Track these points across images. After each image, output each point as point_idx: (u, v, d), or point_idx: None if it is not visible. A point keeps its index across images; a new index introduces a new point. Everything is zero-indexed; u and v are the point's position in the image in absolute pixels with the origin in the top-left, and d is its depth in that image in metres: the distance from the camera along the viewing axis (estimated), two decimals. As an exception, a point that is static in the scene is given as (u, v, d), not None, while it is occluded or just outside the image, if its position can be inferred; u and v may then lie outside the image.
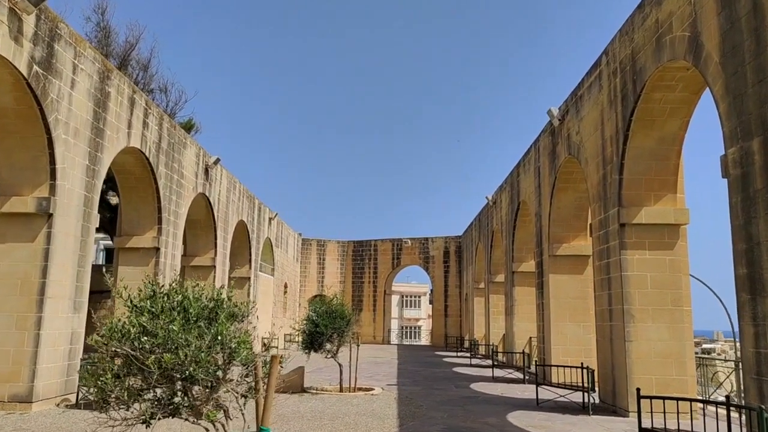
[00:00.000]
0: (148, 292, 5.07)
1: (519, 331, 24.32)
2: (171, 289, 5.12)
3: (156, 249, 18.80)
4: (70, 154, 13.40)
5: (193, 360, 4.60)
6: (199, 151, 22.57)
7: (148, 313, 4.87)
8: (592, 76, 15.15)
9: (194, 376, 4.61)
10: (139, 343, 4.67)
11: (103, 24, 28.93)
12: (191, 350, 4.61)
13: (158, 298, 4.98)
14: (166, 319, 4.81)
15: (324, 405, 13.49)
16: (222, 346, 4.78)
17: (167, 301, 4.96)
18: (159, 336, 4.66)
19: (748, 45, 8.23)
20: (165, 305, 4.93)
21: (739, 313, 8.35)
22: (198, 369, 4.64)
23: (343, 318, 16.13)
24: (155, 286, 5.14)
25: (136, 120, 16.76)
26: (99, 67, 14.64)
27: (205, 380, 4.70)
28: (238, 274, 30.18)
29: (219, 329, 4.82)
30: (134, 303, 5.01)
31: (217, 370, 4.79)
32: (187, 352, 4.60)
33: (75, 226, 13.70)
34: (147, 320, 4.79)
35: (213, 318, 5.00)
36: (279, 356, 4.99)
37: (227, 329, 4.89)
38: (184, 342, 4.65)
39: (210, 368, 4.73)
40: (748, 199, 8.16)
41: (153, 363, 4.58)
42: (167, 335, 4.65)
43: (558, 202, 18.77)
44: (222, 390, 4.90)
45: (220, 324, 4.88)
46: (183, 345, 4.63)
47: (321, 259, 47.34)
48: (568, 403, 13.95)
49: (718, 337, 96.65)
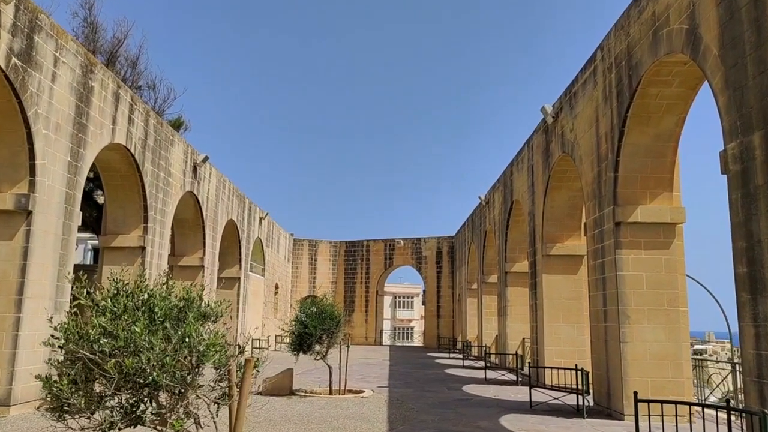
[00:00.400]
0: (112, 290, 4.70)
1: (512, 332, 24.04)
2: (136, 287, 4.75)
3: (142, 248, 18.40)
4: (51, 149, 13.01)
5: (157, 364, 4.24)
6: (187, 148, 22.18)
7: (109, 312, 4.50)
8: (587, 72, 14.87)
9: (158, 381, 4.25)
10: (98, 346, 4.31)
11: (91, 19, 28.48)
12: (155, 354, 4.25)
13: (121, 296, 4.61)
14: (129, 319, 4.45)
15: (312, 408, 13.14)
16: (190, 349, 4.41)
17: (131, 299, 4.59)
18: (120, 338, 4.30)
19: (749, 36, 7.96)
20: (128, 304, 4.56)
21: (738, 314, 8.07)
22: (162, 374, 4.28)
23: (332, 319, 15.77)
24: (119, 283, 4.77)
25: (120, 116, 16.38)
26: (82, 60, 14.26)
27: (171, 386, 4.33)
28: (228, 274, 29.79)
29: (187, 330, 4.46)
30: (95, 302, 4.64)
31: (185, 375, 4.42)
32: (150, 356, 4.24)
33: (56, 224, 13.30)
34: (108, 321, 4.42)
35: (182, 318, 4.65)
36: (253, 360, 4.63)
37: (196, 331, 4.53)
38: (147, 344, 4.29)
39: (176, 373, 4.37)
40: (749, 195, 7.88)
41: (113, 368, 4.22)
42: (129, 337, 4.29)
43: (551, 201, 18.49)
44: (192, 396, 4.53)
45: (188, 325, 4.52)
46: (146, 348, 4.27)
47: (313, 260, 46.95)
48: (562, 406, 13.66)
49: (709, 339, 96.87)
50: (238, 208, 29.84)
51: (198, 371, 4.47)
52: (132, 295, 4.64)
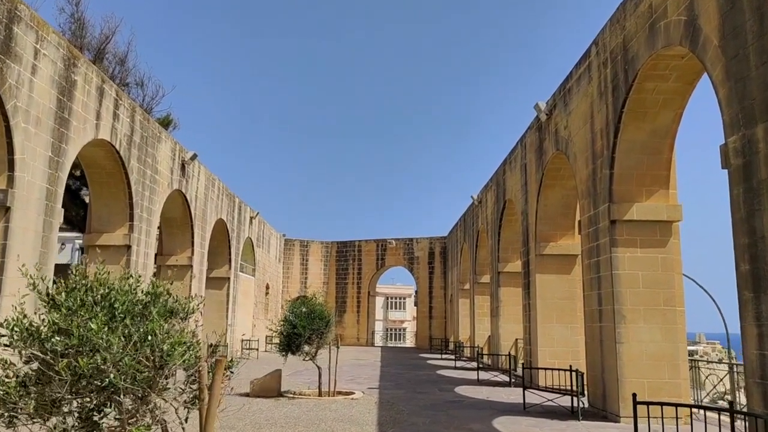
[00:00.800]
0: (71, 283, 4.32)
1: (505, 333, 23.77)
2: (95, 279, 4.37)
3: (127, 247, 18.00)
4: (31, 144, 12.61)
5: (115, 365, 3.88)
6: (175, 146, 21.78)
7: (64, 308, 4.14)
8: (581, 67, 14.59)
9: (116, 384, 3.89)
10: (50, 345, 3.94)
11: (78, 15, 28.03)
12: (113, 353, 3.89)
13: (78, 291, 4.24)
14: (86, 315, 4.08)
15: (300, 410, 12.79)
16: (152, 348, 4.05)
17: (89, 294, 4.22)
18: (74, 336, 3.93)
19: (751, 26, 7.68)
20: (86, 299, 4.20)
21: (741, 313, 7.78)
22: (121, 375, 3.91)
23: (322, 319, 15.43)
24: (78, 275, 4.40)
25: (105, 111, 15.97)
26: (64, 53, 13.86)
27: (131, 389, 3.96)
28: (218, 274, 29.40)
29: (149, 328, 4.10)
30: (51, 296, 4.26)
31: (147, 377, 4.06)
32: (106, 356, 3.88)
33: (35, 221, 12.90)
34: (61, 317, 4.06)
35: (146, 315, 4.28)
36: (224, 360, 4.28)
37: (160, 328, 4.16)
38: (104, 343, 3.93)
39: (137, 375, 4.00)
40: (751, 190, 7.60)
41: (65, 369, 3.85)
42: (84, 335, 3.92)
43: (545, 200, 18.21)
44: (157, 400, 4.17)
45: (152, 322, 4.15)
46: (104, 347, 3.91)
47: (304, 260, 46.56)
48: (556, 408, 13.37)
49: (700, 339, 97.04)
50: (228, 207, 29.44)
51: (162, 373, 4.11)
52: (91, 289, 4.28)
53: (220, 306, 29.43)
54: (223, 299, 29.59)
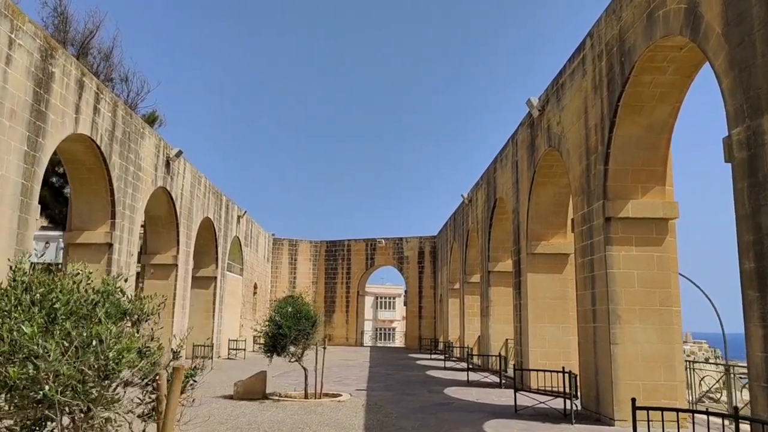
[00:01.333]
0: (8, 281, 3.84)
1: (495, 333, 23.41)
2: (34, 277, 3.90)
3: (109, 245, 17.51)
4: (5, 137, 12.10)
5: (49, 375, 3.42)
6: (159, 142, 21.26)
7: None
8: (575, 61, 14.24)
9: (50, 396, 3.42)
10: (-24, 352, 3.47)
11: (61, 9, 27.43)
12: (49, 361, 3.43)
13: (11, 289, 3.77)
14: (21, 317, 3.62)
15: (284, 414, 12.35)
16: (96, 355, 3.59)
17: (27, 293, 3.75)
18: (5, 341, 3.46)
19: (757, 11, 7.32)
20: (22, 299, 3.73)
21: (745, 314, 7.42)
22: (57, 387, 3.45)
23: (308, 319, 14.98)
24: (18, 272, 3.93)
25: (85, 105, 15.46)
26: (41, 44, 13.35)
27: (69, 403, 3.50)
28: (204, 273, 28.90)
29: (94, 332, 3.64)
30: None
31: (91, 388, 3.60)
32: (41, 364, 3.42)
33: (10, 218, 12.38)
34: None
35: (93, 317, 3.82)
36: (183, 369, 3.84)
37: (107, 332, 3.70)
38: (40, 349, 3.47)
39: (79, 386, 3.54)
40: (757, 184, 7.24)
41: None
42: (17, 340, 3.46)
43: (537, 198, 17.86)
44: (104, 414, 3.72)
45: (96, 325, 3.69)
46: (40, 354, 3.45)
47: (293, 260, 46.05)
48: (549, 410, 13.00)
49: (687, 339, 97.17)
50: (215, 205, 28.92)
51: (108, 384, 3.64)
52: (29, 288, 3.80)
53: (206, 306, 28.94)
54: (209, 299, 29.11)
